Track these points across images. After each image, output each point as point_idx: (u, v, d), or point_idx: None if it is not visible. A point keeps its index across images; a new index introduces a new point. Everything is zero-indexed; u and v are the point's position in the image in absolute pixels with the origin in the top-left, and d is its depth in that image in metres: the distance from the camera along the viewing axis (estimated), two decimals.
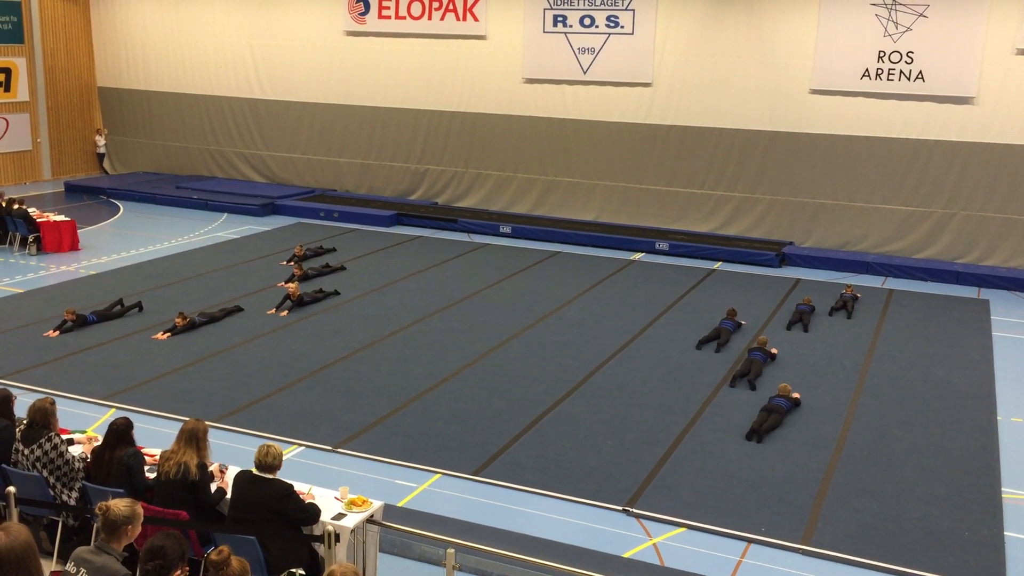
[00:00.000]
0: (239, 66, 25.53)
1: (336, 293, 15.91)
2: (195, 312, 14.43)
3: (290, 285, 15.30)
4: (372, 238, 20.74)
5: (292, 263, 17.82)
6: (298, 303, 15.03)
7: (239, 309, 14.87)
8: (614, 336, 14.24)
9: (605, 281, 17.67)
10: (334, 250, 19.17)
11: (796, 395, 11.71)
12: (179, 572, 5.02)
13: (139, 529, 5.37)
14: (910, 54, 18.91)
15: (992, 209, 18.98)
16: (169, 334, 13.62)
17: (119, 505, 5.28)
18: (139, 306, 14.76)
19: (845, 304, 15.89)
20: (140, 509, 5.36)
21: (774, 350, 13.48)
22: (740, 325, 14.73)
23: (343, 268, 17.72)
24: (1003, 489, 9.62)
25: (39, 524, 7.80)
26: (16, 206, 18.78)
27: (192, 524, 6.86)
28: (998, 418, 11.53)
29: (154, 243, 19.64)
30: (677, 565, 8.02)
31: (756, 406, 11.46)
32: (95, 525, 5.34)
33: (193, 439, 7.08)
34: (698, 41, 20.71)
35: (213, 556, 4.82)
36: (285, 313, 14.77)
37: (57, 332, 13.54)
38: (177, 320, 13.83)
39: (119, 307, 14.58)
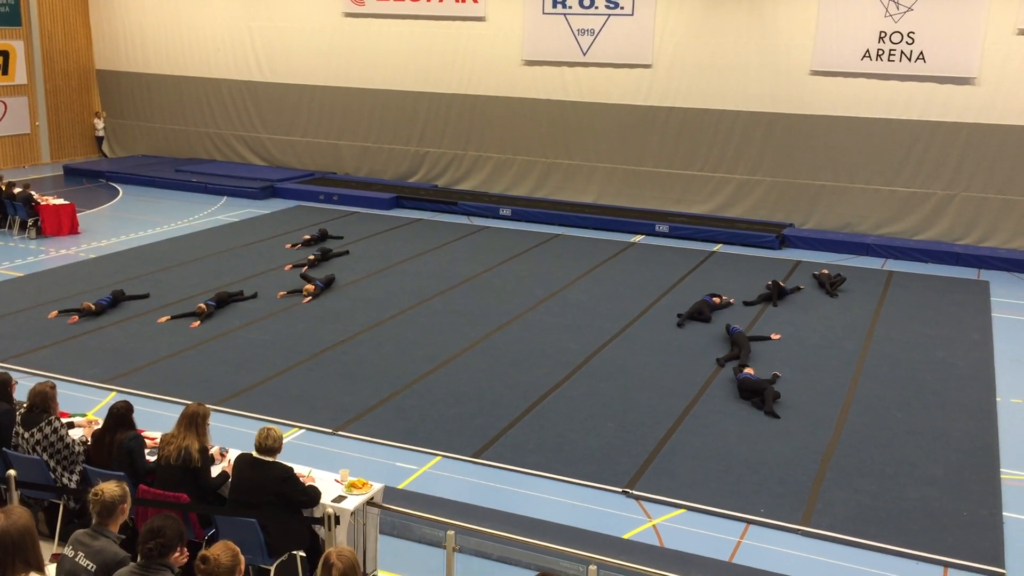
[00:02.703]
0: (238, 48, 25.43)
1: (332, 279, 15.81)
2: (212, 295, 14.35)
3: (309, 287, 15.03)
4: (372, 221, 20.72)
5: (299, 247, 17.86)
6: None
7: (254, 295, 14.79)
8: (614, 318, 14.24)
9: (605, 263, 17.66)
10: (341, 238, 18.97)
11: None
12: (178, 552, 5.04)
13: (128, 507, 5.43)
14: (911, 34, 18.82)
15: (992, 190, 18.94)
16: (198, 322, 13.50)
17: (110, 487, 5.34)
18: (146, 295, 14.69)
19: (829, 285, 15.94)
20: (127, 488, 5.43)
21: (776, 335, 13.49)
22: (728, 303, 14.83)
23: (347, 252, 17.62)
24: (1002, 470, 9.64)
25: (40, 507, 7.83)
26: (18, 190, 18.76)
27: (193, 507, 6.88)
28: (997, 399, 11.54)
29: (154, 226, 19.62)
30: (677, 546, 8.05)
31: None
32: (91, 510, 5.36)
33: (193, 423, 7.09)
34: (698, 22, 20.61)
35: (201, 566, 4.82)
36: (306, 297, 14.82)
37: (57, 314, 13.51)
38: (201, 307, 13.74)
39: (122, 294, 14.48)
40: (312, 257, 16.70)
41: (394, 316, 14.13)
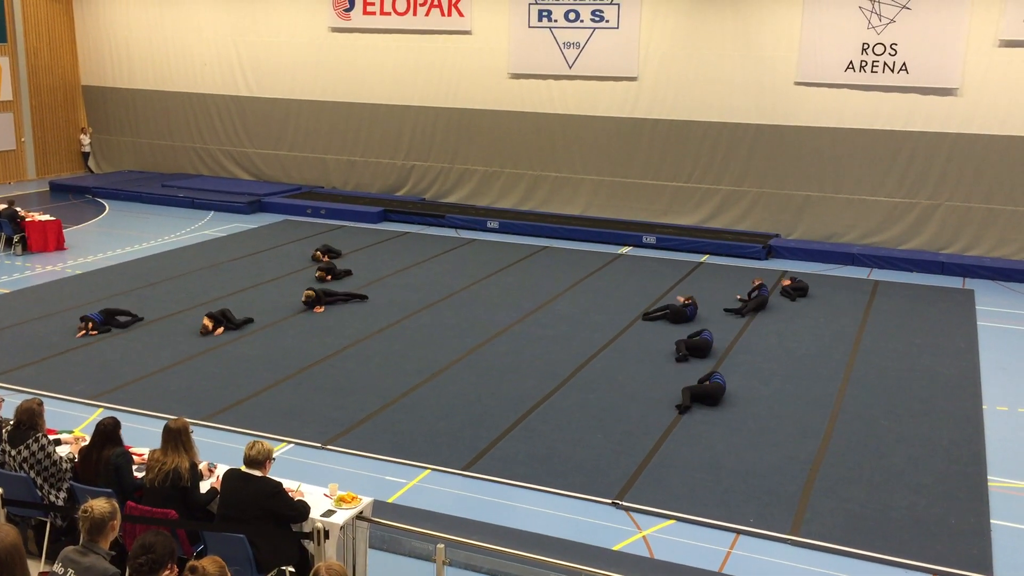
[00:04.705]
0: (224, 63, 25.44)
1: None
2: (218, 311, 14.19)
3: (318, 309, 15.07)
4: (359, 235, 20.71)
5: (318, 258, 18.00)
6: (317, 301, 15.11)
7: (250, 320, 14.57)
8: (602, 330, 14.27)
9: (593, 275, 17.70)
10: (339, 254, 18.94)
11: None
12: (168, 569, 5.02)
13: (118, 524, 5.40)
14: (894, 46, 18.99)
15: (976, 200, 19.08)
16: (221, 329, 13.67)
17: (100, 504, 5.31)
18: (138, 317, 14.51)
19: (792, 290, 16.23)
20: (116, 504, 5.41)
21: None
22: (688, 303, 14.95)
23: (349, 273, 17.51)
24: (989, 477, 9.69)
25: (27, 525, 7.77)
26: (3, 206, 18.68)
27: (181, 523, 6.85)
28: (984, 407, 11.61)
29: (140, 242, 19.57)
30: (667, 557, 8.06)
31: (742, 398, 11.53)
32: (81, 527, 5.32)
33: (178, 440, 7.04)
34: (683, 35, 20.74)
35: (189, 575, 4.83)
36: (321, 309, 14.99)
37: (84, 332, 13.52)
38: (207, 322, 13.72)
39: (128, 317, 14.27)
40: (320, 272, 16.62)
41: (382, 329, 14.12)
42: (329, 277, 16.57)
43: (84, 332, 13.49)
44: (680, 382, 12.05)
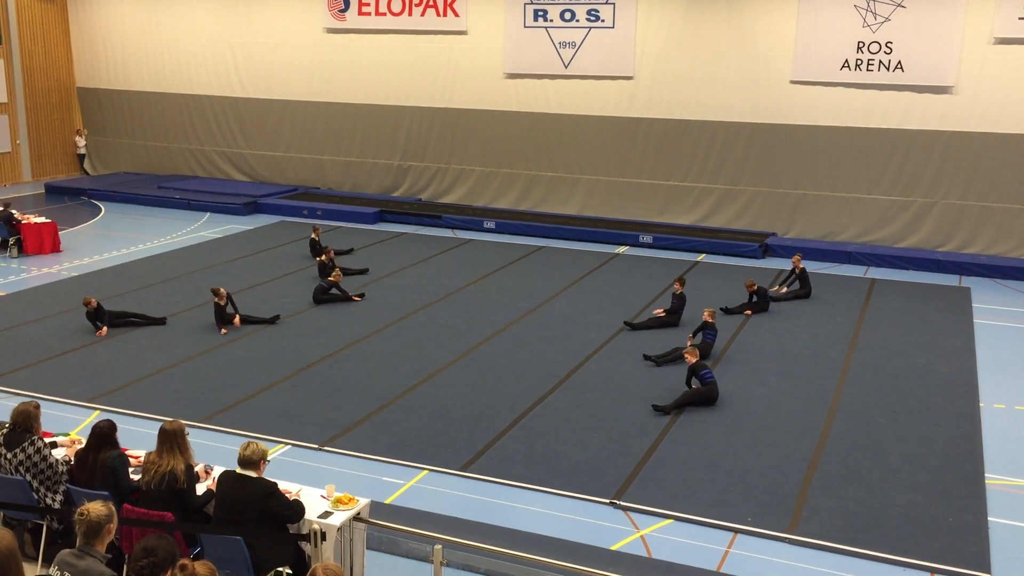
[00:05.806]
0: (219, 65, 25.42)
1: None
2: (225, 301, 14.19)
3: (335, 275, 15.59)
4: (356, 235, 20.70)
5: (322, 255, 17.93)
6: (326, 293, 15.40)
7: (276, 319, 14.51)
8: (599, 329, 14.27)
9: (590, 275, 17.69)
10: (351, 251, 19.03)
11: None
12: (169, 573, 5.00)
13: (115, 526, 5.38)
14: (889, 44, 19.01)
15: (972, 197, 19.11)
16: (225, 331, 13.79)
17: (96, 507, 5.29)
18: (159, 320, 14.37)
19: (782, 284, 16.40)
20: (113, 507, 5.39)
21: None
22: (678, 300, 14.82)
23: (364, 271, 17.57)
24: (986, 475, 9.70)
25: (24, 528, 7.76)
26: None
27: (178, 525, 6.83)
28: (980, 404, 11.62)
29: (136, 243, 19.54)
30: (665, 557, 8.05)
31: (739, 397, 11.53)
32: (77, 530, 5.31)
33: (173, 442, 7.02)
34: (678, 34, 20.75)
35: (179, 573, 4.82)
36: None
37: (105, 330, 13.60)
38: (218, 301, 13.88)
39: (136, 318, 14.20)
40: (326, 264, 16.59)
41: (379, 330, 14.11)
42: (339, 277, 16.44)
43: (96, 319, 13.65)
44: (677, 381, 12.06)
